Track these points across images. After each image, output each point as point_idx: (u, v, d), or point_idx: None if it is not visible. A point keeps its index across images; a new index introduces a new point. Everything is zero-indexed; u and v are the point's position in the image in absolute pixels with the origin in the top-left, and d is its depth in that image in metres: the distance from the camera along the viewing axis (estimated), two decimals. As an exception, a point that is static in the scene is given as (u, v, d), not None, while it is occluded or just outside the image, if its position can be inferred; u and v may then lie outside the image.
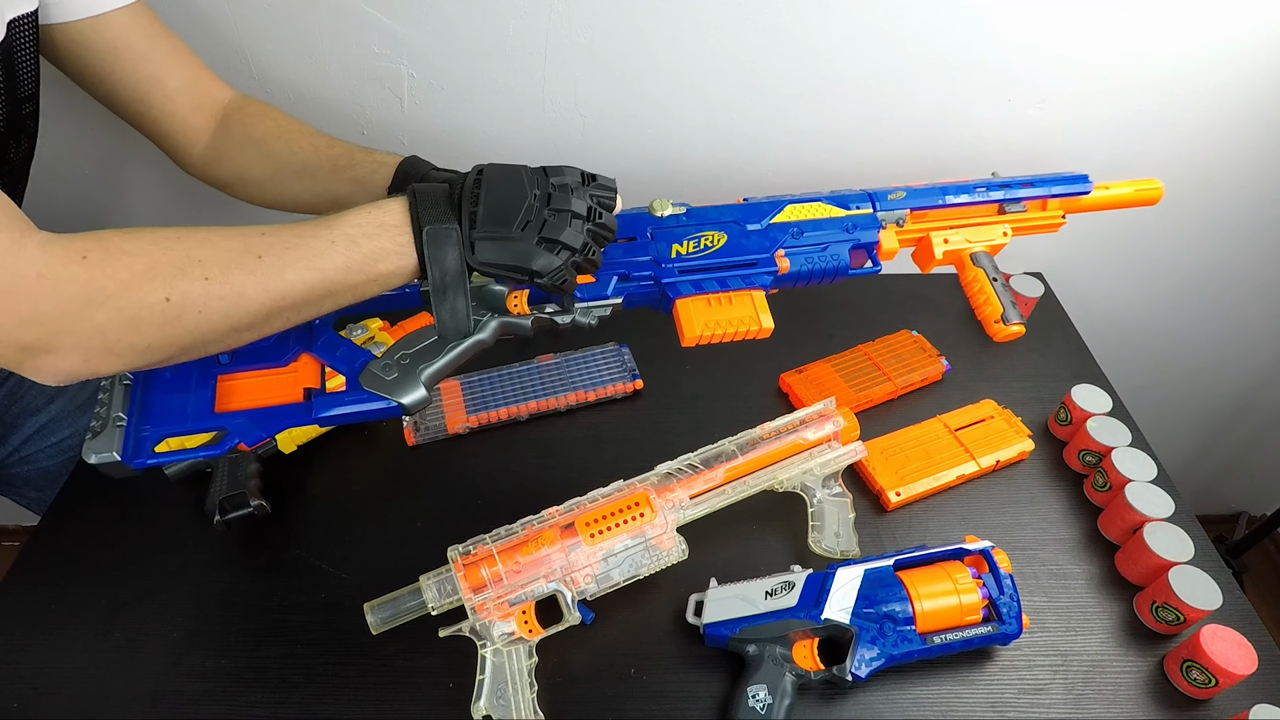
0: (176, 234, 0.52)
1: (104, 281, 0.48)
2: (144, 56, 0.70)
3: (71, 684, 0.70)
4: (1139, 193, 0.83)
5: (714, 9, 0.85)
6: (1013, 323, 0.75)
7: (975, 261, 0.77)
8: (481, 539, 0.68)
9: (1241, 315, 1.21)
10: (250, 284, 0.52)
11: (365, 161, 0.73)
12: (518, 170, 0.59)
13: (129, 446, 0.58)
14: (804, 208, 0.73)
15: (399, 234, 0.56)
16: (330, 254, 0.54)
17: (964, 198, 0.77)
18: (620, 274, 0.68)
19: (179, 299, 0.50)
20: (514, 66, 0.89)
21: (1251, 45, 0.89)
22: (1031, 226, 0.80)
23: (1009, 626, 0.68)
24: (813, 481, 0.77)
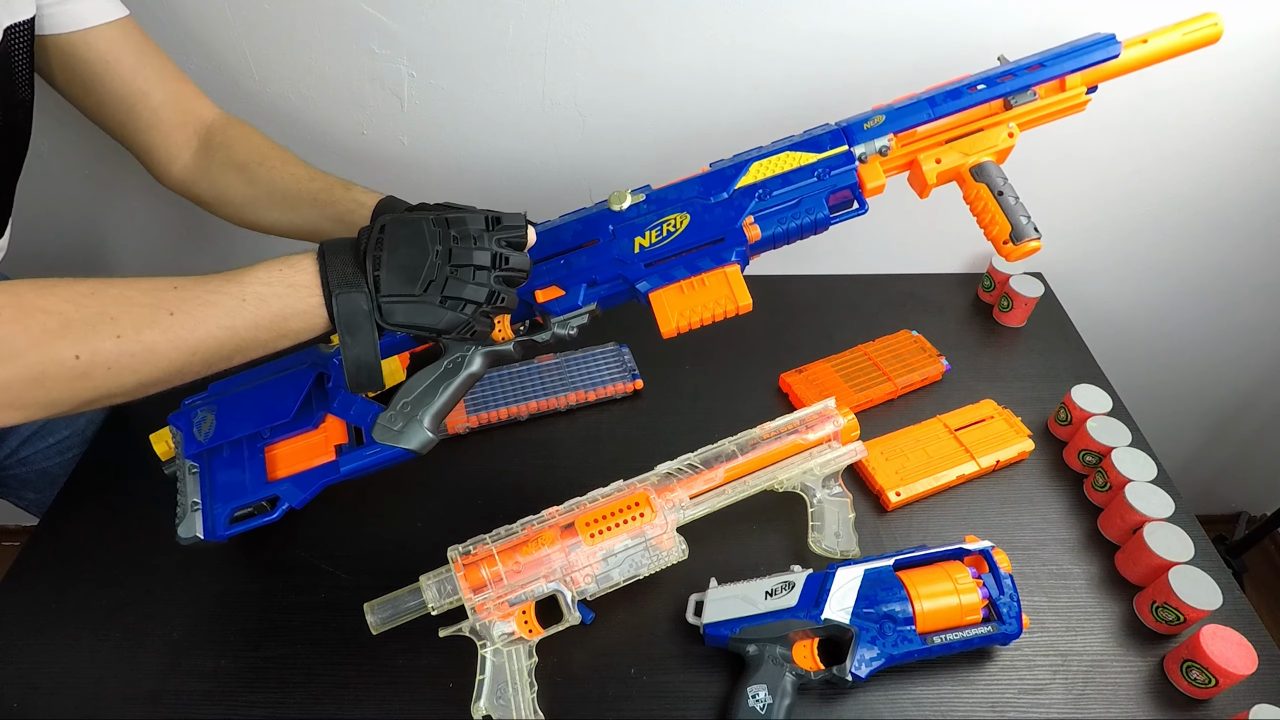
0: (91, 289, 0.51)
1: (15, 339, 0.48)
2: (132, 71, 0.71)
3: (71, 684, 0.70)
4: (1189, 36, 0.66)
5: (714, 9, 0.85)
6: (1026, 239, 0.65)
7: (977, 175, 0.67)
8: (481, 539, 0.68)
9: (1242, 315, 1.21)
10: (161, 341, 0.52)
11: (345, 199, 0.74)
12: (419, 224, 0.58)
13: (208, 525, 0.67)
14: (771, 162, 0.68)
15: (309, 295, 0.57)
16: (241, 312, 0.55)
17: (955, 104, 0.67)
18: (588, 281, 0.68)
19: (89, 356, 0.50)
20: (514, 66, 0.89)
21: (1251, 43, 0.89)
22: (1049, 114, 0.68)
23: (1009, 626, 0.68)
24: (813, 481, 0.77)
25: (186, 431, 0.70)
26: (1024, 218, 0.65)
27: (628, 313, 0.96)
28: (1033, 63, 0.67)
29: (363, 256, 0.57)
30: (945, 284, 1.10)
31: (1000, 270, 1.04)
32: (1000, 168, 0.68)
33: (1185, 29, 0.66)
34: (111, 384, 0.52)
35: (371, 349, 0.57)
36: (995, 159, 0.67)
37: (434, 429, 0.65)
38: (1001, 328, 1.04)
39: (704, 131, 0.96)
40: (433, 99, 0.92)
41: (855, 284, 1.10)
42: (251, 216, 0.76)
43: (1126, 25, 0.70)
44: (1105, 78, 0.68)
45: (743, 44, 0.88)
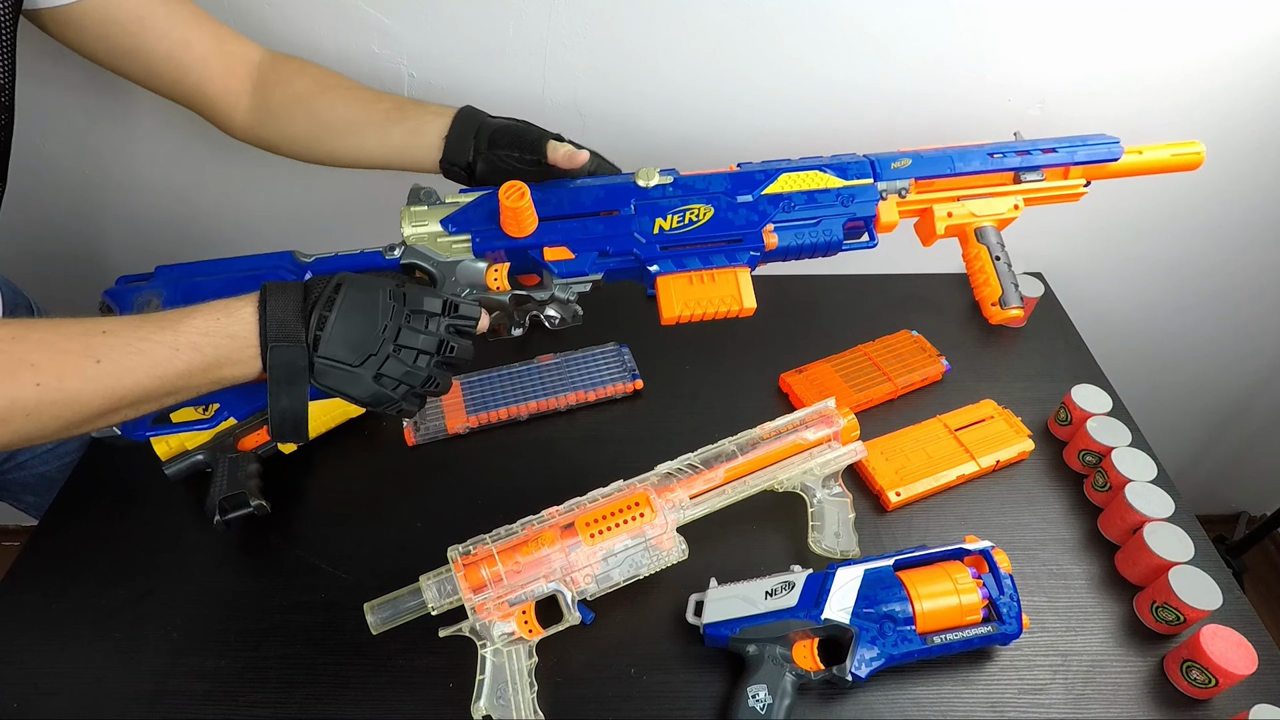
0: (12, 334, 0.50)
1: None
2: (167, 23, 0.69)
3: (71, 684, 0.70)
4: (1176, 157, 0.74)
5: (714, 9, 0.85)
6: (1011, 306, 0.70)
7: (980, 237, 0.72)
8: (481, 539, 0.68)
9: (1242, 316, 1.21)
10: (85, 389, 0.51)
11: (419, 113, 0.72)
12: (376, 293, 0.58)
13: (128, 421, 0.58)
14: (800, 176, 0.70)
15: (246, 346, 0.56)
16: (173, 361, 0.54)
17: (976, 164, 0.71)
18: (600, 250, 0.67)
19: (6, 404, 0.49)
20: (514, 66, 0.89)
21: (1252, 48, 0.89)
22: (1049, 197, 0.73)
23: (1009, 626, 0.68)
24: (813, 481, 0.77)
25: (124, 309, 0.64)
26: (1013, 285, 0.70)
27: (628, 313, 0.96)
28: (1047, 146, 0.72)
29: (309, 311, 0.57)
30: (945, 284, 1.10)
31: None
32: (1000, 235, 0.72)
33: (1175, 149, 0.75)
34: (30, 429, 0.51)
35: (301, 403, 0.57)
36: (998, 225, 0.72)
37: None
38: (1002, 328, 1.04)
39: (704, 131, 0.96)
40: (433, 99, 0.92)
41: (855, 284, 1.09)
42: (321, 150, 0.74)
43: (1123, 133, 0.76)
44: (1102, 176, 0.74)
45: (743, 43, 0.88)
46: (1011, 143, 0.72)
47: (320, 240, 1.07)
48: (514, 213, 0.64)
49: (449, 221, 0.67)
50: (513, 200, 0.63)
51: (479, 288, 0.65)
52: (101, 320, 0.53)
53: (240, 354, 0.56)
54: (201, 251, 1.09)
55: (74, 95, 0.91)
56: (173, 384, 0.54)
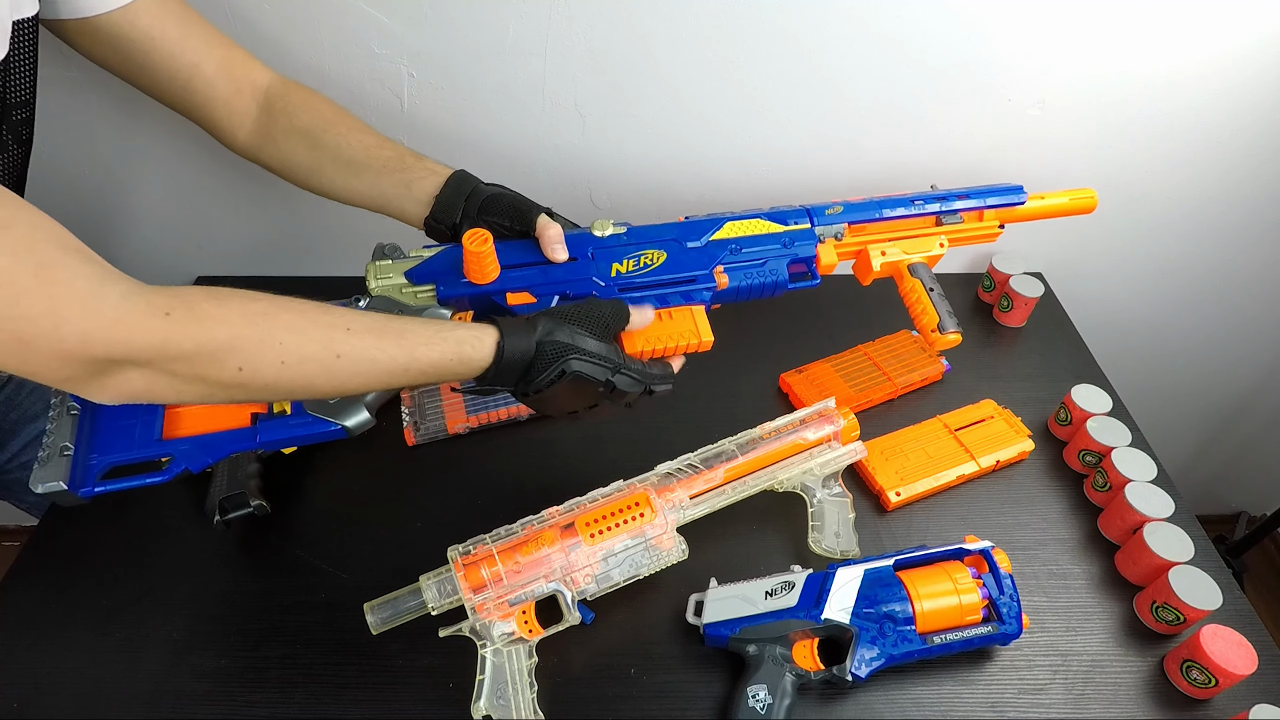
0: (263, 309, 0.53)
1: (182, 341, 0.49)
2: (178, 44, 0.71)
3: (71, 684, 0.70)
4: (1074, 202, 0.85)
5: (714, 10, 0.85)
6: (949, 331, 0.79)
7: (913, 273, 0.80)
8: (481, 539, 0.68)
9: (1242, 316, 1.21)
10: (319, 377, 0.55)
11: (416, 167, 0.74)
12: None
13: (76, 475, 0.59)
14: (743, 224, 0.75)
15: (479, 368, 0.60)
16: (402, 376, 0.58)
17: (900, 211, 0.80)
18: (561, 293, 0.70)
19: (250, 373, 0.52)
20: (514, 66, 0.89)
21: (1252, 49, 0.89)
22: (969, 237, 0.83)
23: (1009, 626, 0.68)
24: (813, 481, 0.77)
25: None
26: (948, 313, 0.79)
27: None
28: (960, 193, 0.82)
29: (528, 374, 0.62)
30: (945, 284, 1.08)
31: (1000, 270, 1.04)
32: (931, 271, 0.81)
33: (1071, 195, 0.85)
34: (263, 394, 0.55)
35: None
36: (928, 263, 0.81)
37: (373, 411, 0.65)
38: (1001, 328, 1.04)
39: (704, 131, 0.96)
40: (433, 99, 0.92)
41: (855, 284, 1.09)
42: (317, 182, 0.76)
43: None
44: (1012, 219, 0.84)
45: (742, 44, 0.88)
46: (928, 192, 0.82)
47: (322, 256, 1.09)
48: (477, 258, 0.67)
49: (413, 273, 0.69)
50: (476, 245, 0.66)
51: None
52: (346, 316, 0.57)
53: (468, 370, 0.60)
54: (203, 255, 1.10)
55: (78, 98, 0.91)
56: (399, 382, 0.59)
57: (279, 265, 1.11)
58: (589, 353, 0.62)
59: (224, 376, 0.52)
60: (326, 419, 0.63)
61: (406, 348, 0.57)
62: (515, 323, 0.62)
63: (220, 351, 0.51)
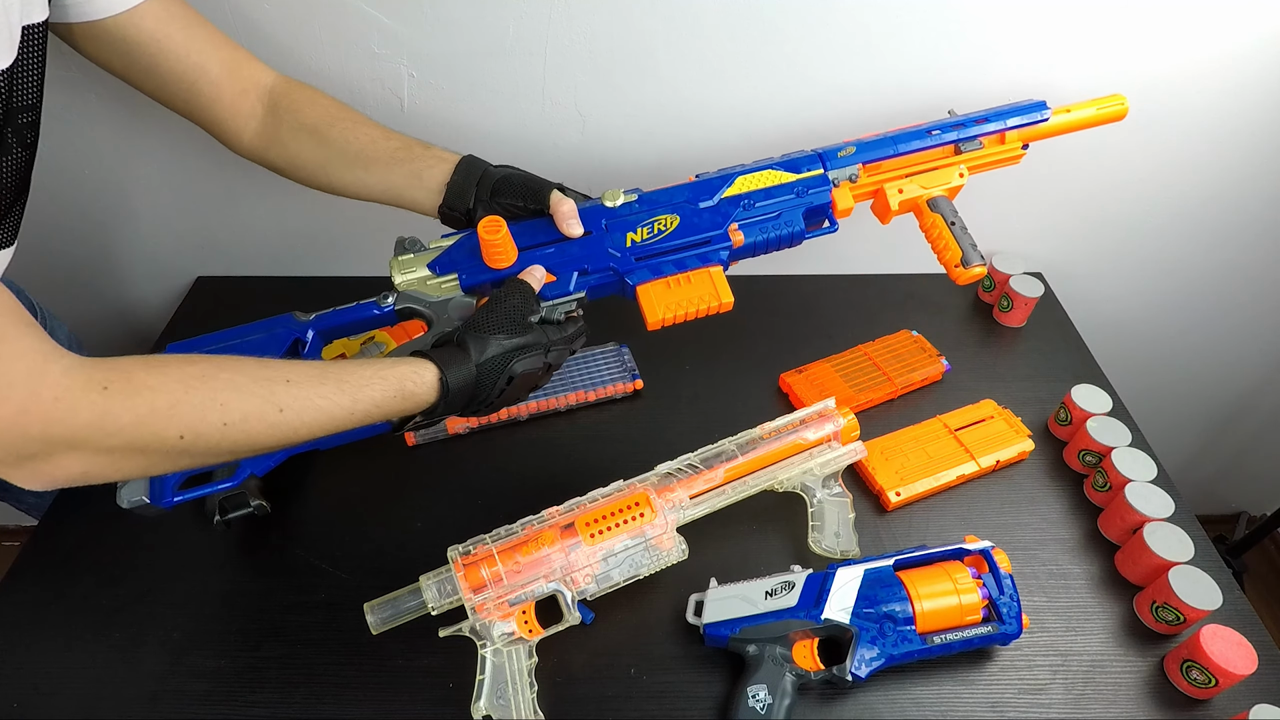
0: (202, 371, 0.52)
1: (121, 414, 0.48)
2: (184, 47, 0.71)
3: (71, 684, 0.70)
4: (1102, 111, 0.80)
5: (714, 10, 0.85)
6: (974, 265, 0.75)
7: (933, 207, 0.76)
8: (481, 539, 0.68)
9: (1242, 316, 1.21)
10: (264, 433, 0.54)
11: (424, 156, 0.74)
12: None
13: (155, 488, 0.64)
14: (755, 177, 0.74)
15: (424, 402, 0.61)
16: (349, 418, 0.58)
17: (916, 144, 0.77)
18: (580, 269, 0.71)
19: (192, 438, 0.51)
20: (514, 66, 0.89)
21: (1252, 50, 0.89)
22: (991, 162, 0.79)
23: (1009, 626, 0.68)
24: (813, 481, 0.77)
25: None
26: (971, 246, 0.75)
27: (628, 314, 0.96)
28: (979, 117, 0.78)
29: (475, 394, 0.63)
30: (945, 284, 1.09)
31: (1000, 270, 1.04)
32: (952, 203, 0.77)
33: (1099, 105, 0.81)
34: (209, 458, 0.54)
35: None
36: (948, 195, 0.77)
37: None
38: (1001, 328, 1.04)
39: (704, 130, 0.96)
40: (433, 99, 0.92)
41: (855, 284, 1.10)
42: (324, 179, 0.76)
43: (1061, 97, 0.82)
44: (1037, 137, 0.80)
45: (742, 44, 0.88)
46: (947, 119, 0.78)
47: (323, 256, 1.08)
48: (494, 245, 0.68)
49: (435, 264, 0.71)
50: (490, 233, 0.68)
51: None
52: (285, 368, 0.56)
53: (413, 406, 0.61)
54: (204, 255, 1.10)
55: (78, 97, 0.91)
56: (344, 426, 0.58)
57: (280, 265, 1.11)
58: (522, 348, 0.64)
59: (165, 444, 0.50)
60: None
61: (349, 391, 0.57)
62: (446, 354, 0.62)
63: (159, 419, 0.50)
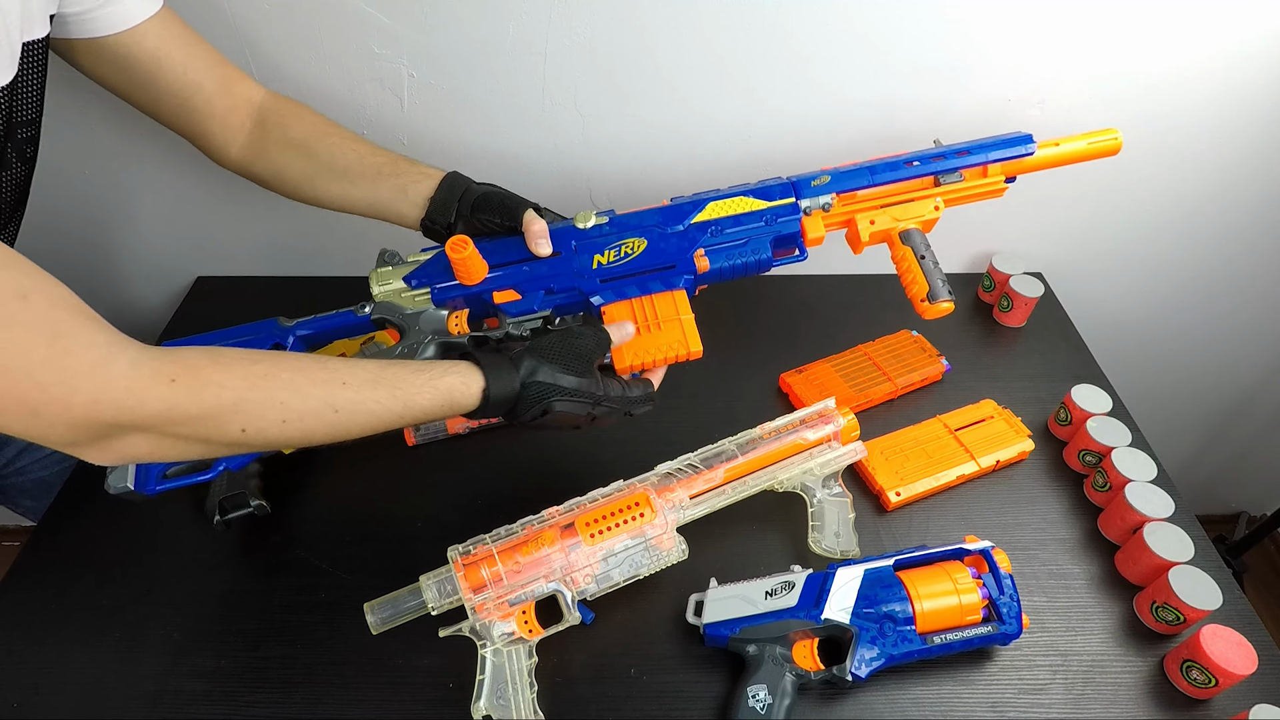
0: (264, 371, 0.55)
1: (188, 407, 0.51)
2: (183, 65, 0.72)
3: (71, 684, 0.70)
4: (1093, 146, 0.77)
5: (714, 10, 0.85)
6: (940, 299, 0.74)
7: (905, 240, 0.76)
8: (481, 539, 0.68)
9: (1242, 316, 1.21)
10: (320, 431, 0.57)
11: (410, 172, 0.76)
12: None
13: (140, 476, 0.67)
14: (726, 203, 0.75)
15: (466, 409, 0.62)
16: (399, 422, 0.60)
17: (893, 175, 0.76)
18: (545, 288, 0.73)
19: (254, 433, 0.54)
20: (514, 66, 0.89)
21: (1252, 49, 0.89)
22: (971, 195, 0.77)
23: (1009, 626, 0.68)
24: (813, 481, 0.77)
25: None
26: (940, 281, 0.74)
27: (628, 313, 0.95)
28: (961, 149, 0.76)
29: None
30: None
31: (1000, 270, 1.04)
32: (925, 236, 0.76)
33: (1090, 139, 0.77)
34: (264, 449, 0.58)
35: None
36: (922, 228, 0.76)
37: None
38: (1001, 328, 1.04)
39: (703, 131, 0.96)
40: (433, 99, 0.92)
41: (855, 284, 1.09)
42: (310, 192, 0.78)
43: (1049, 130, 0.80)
44: (1021, 171, 0.77)
45: (742, 45, 0.88)
46: (928, 150, 0.77)
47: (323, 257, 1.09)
48: (461, 263, 0.71)
49: (411, 278, 0.74)
50: (457, 253, 0.70)
51: (441, 333, 0.73)
52: (341, 369, 0.59)
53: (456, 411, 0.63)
54: (203, 256, 1.10)
55: (78, 99, 0.91)
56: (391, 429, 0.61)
57: (279, 266, 1.11)
58: (569, 391, 0.64)
59: (228, 437, 0.54)
60: None
61: (401, 398, 0.59)
62: (499, 362, 0.63)
63: (224, 415, 0.52)
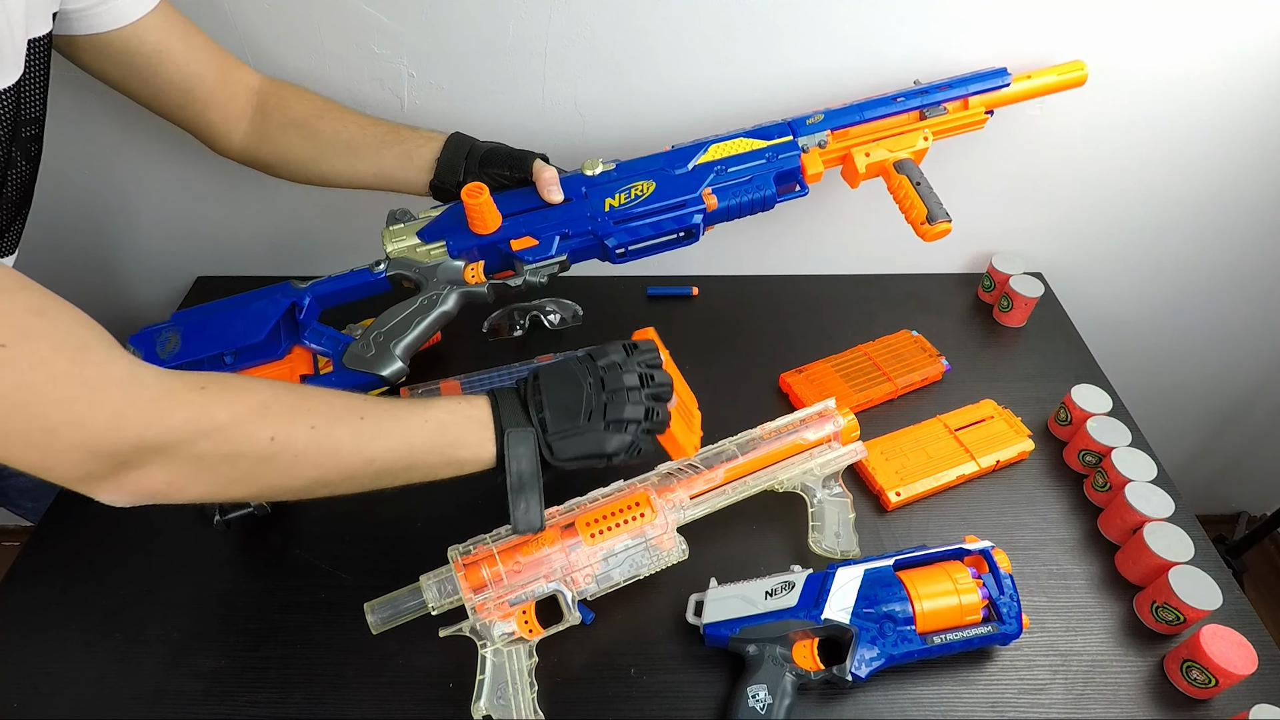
0: (288, 386, 0.56)
1: (219, 412, 0.50)
2: (184, 57, 0.72)
3: (71, 684, 0.70)
4: (1062, 78, 0.84)
5: (714, 10, 0.85)
6: (938, 221, 0.77)
7: (899, 169, 0.80)
8: (481, 539, 0.68)
9: (1242, 316, 1.21)
10: (347, 441, 0.55)
11: (412, 137, 0.78)
12: (568, 365, 0.64)
13: None
14: (727, 145, 0.79)
15: (482, 429, 0.60)
16: (421, 432, 0.58)
17: (882, 110, 0.81)
18: (561, 233, 0.75)
19: (283, 441, 0.52)
20: (514, 66, 0.89)
21: (1253, 49, 0.89)
22: (955, 127, 0.83)
23: (1009, 626, 0.68)
24: (813, 482, 0.77)
25: (149, 351, 0.71)
26: (936, 203, 0.77)
27: (628, 315, 0.96)
28: (942, 84, 0.82)
29: (525, 404, 0.62)
30: (945, 284, 1.10)
31: (1000, 270, 1.04)
32: (918, 166, 0.80)
33: (1059, 72, 0.84)
34: (290, 475, 0.54)
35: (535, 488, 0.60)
36: (914, 158, 0.81)
37: (405, 360, 0.70)
38: (1001, 328, 1.04)
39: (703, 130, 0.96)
40: (433, 99, 0.92)
41: (855, 284, 1.10)
42: (315, 171, 0.79)
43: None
44: (999, 103, 0.84)
45: (740, 42, 0.88)
46: (911, 88, 0.82)
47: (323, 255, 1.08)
48: (477, 209, 0.72)
49: (424, 233, 0.76)
50: (473, 198, 0.71)
51: (458, 283, 0.74)
52: (360, 395, 0.59)
53: (476, 436, 0.60)
54: (203, 255, 1.10)
55: (79, 98, 0.91)
56: (415, 454, 0.58)
57: (279, 266, 1.11)
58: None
59: (256, 449, 0.51)
60: (365, 372, 0.69)
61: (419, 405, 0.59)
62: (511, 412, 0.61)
63: (254, 418, 0.51)
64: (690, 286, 1.07)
